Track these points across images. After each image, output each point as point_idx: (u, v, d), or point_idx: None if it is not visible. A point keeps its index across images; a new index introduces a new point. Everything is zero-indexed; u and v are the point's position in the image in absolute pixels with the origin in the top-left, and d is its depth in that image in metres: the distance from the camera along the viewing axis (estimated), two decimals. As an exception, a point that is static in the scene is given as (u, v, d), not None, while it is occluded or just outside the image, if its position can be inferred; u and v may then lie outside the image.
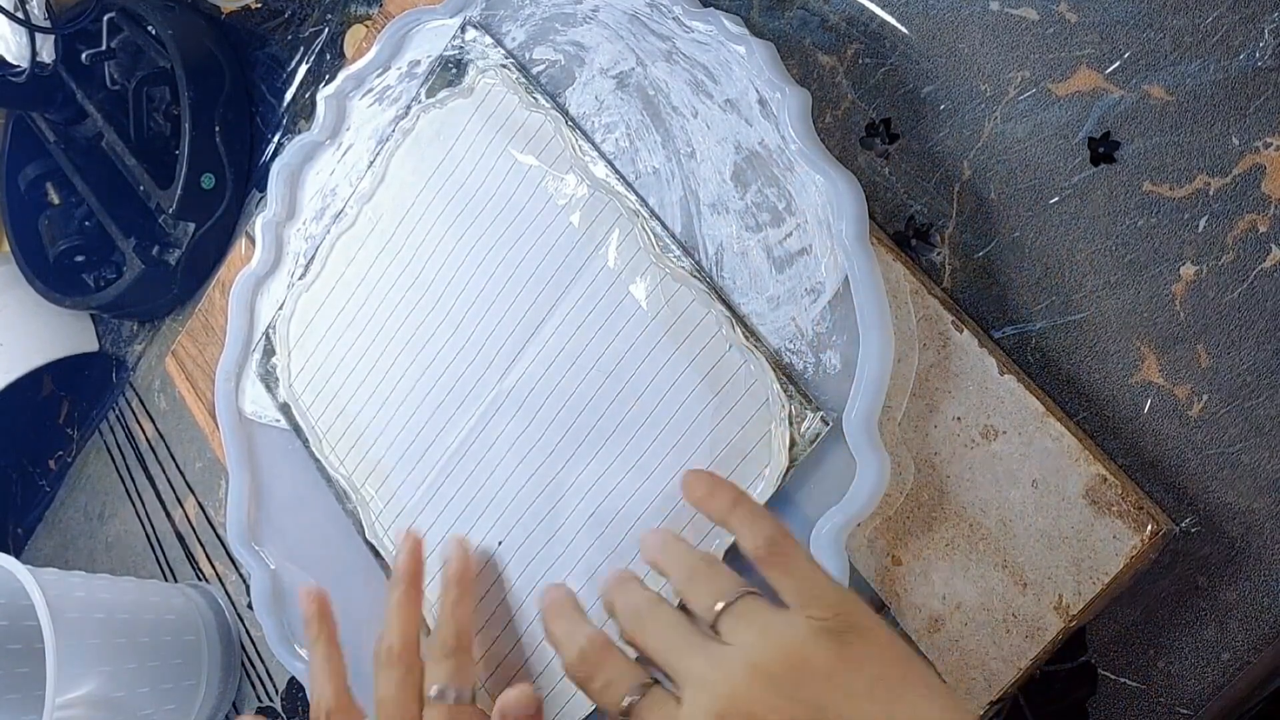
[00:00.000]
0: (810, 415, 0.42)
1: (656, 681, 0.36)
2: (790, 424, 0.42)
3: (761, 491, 0.42)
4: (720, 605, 0.35)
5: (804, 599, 0.35)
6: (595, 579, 0.46)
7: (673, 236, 0.46)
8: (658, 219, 0.47)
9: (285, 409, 0.58)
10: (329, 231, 0.57)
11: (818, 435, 0.41)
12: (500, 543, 0.49)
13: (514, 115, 0.51)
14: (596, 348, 0.47)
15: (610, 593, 0.39)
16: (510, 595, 0.49)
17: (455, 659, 0.45)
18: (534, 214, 0.50)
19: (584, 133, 0.49)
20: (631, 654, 0.38)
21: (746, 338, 0.43)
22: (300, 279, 0.58)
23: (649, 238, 0.46)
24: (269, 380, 0.59)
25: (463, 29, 0.54)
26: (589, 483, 0.47)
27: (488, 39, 0.53)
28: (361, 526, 0.54)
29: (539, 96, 0.50)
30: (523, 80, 0.51)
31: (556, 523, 0.47)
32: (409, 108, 0.55)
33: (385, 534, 0.53)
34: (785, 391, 0.42)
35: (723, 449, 0.43)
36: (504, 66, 0.52)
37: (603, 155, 0.48)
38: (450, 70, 0.54)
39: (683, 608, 0.37)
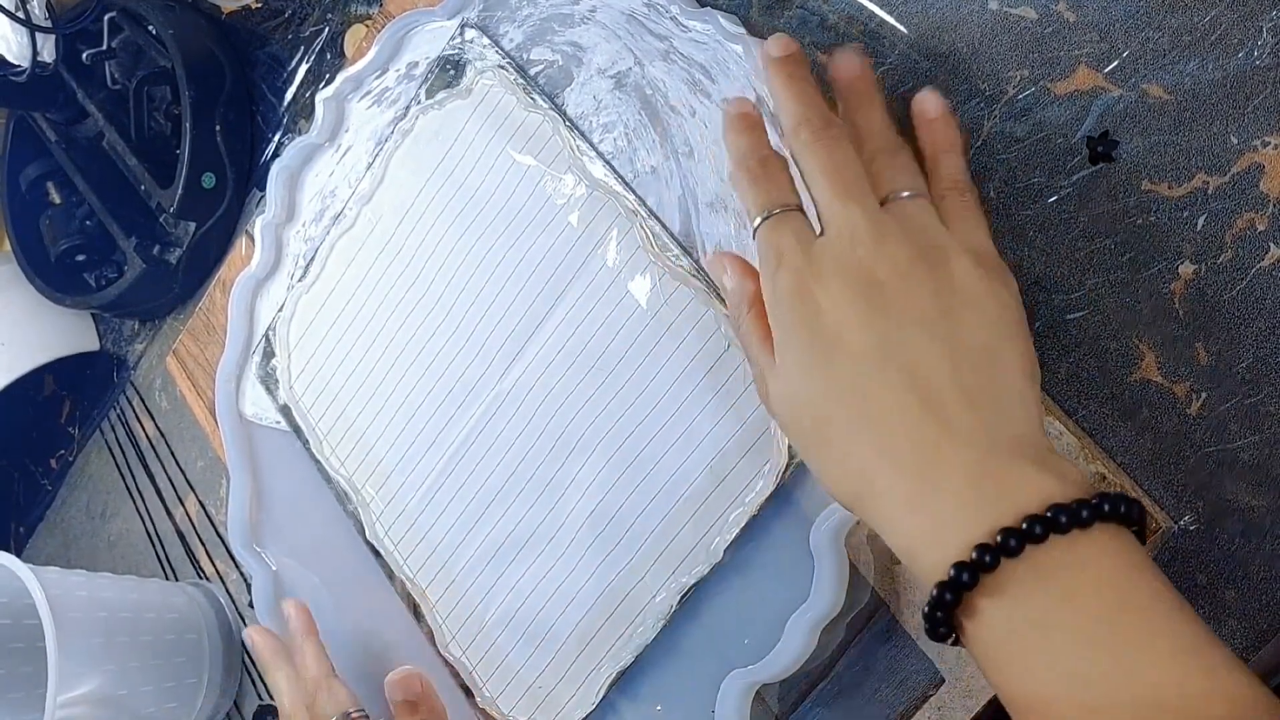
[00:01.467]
0: (809, 414, 0.42)
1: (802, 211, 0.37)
2: (789, 423, 0.42)
3: (761, 489, 0.42)
4: (898, 195, 0.36)
5: (968, 240, 0.35)
6: (596, 577, 0.46)
7: (671, 235, 0.46)
8: (656, 218, 0.47)
9: (285, 411, 0.58)
10: (328, 233, 0.57)
11: (817, 434, 0.41)
12: (501, 542, 0.49)
13: (512, 116, 0.51)
14: (596, 347, 0.47)
15: (795, 122, 0.37)
16: (511, 594, 0.49)
17: (326, 687, 0.49)
18: (533, 214, 0.50)
19: (582, 133, 0.49)
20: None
21: (746, 337, 0.43)
22: (300, 281, 0.58)
23: (648, 237, 0.46)
24: (269, 382, 0.59)
25: (461, 30, 0.54)
26: (588, 481, 0.47)
27: (485, 40, 0.53)
28: (362, 527, 0.54)
29: (537, 97, 0.50)
30: (520, 81, 0.51)
31: (557, 522, 0.48)
32: (408, 109, 0.55)
33: (385, 534, 0.53)
34: (784, 390, 0.42)
35: (722, 446, 0.43)
36: (502, 68, 0.52)
37: (601, 155, 0.48)
38: (449, 71, 0.54)
39: None
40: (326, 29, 0.71)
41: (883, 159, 0.37)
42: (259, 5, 0.74)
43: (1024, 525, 0.29)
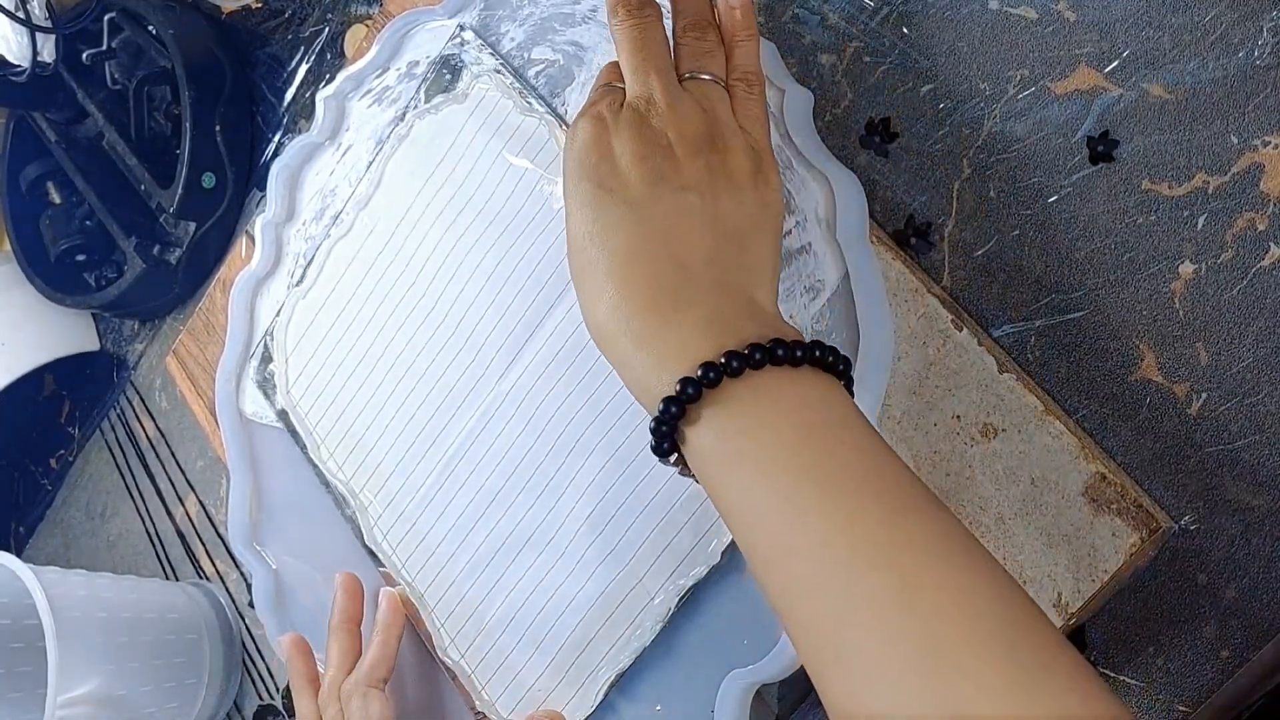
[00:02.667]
0: (809, 414, 0.41)
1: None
2: (789, 423, 0.42)
3: (761, 490, 0.42)
4: (699, 75, 0.39)
5: (749, 132, 0.38)
6: (595, 579, 0.46)
7: (672, 236, 0.46)
8: (657, 218, 0.46)
9: (283, 415, 0.58)
10: (328, 234, 0.57)
11: (817, 434, 0.41)
12: (500, 545, 0.49)
13: (508, 119, 0.51)
14: (593, 349, 0.47)
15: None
16: (510, 596, 0.49)
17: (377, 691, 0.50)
18: (530, 217, 0.50)
19: (582, 133, 0.49)
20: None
21: (746, 337, 0.43)
22: (298, 284, 0.58)
23: (648, 237, 0.46)
24: (266, 387, 0.59)
25: (458, 33, 0.54)
26: (587, 483, 0.47)
27: (481, 43, 0.53)
28: (360, 531, 0.54)
29: (533, 100, 0.50)
30: (517, 85, 0.51)
31: (555, 524, 0.47)
32: (405, 113, 0.55)
33: (384, 538, 0.53)
34: (784, 390, 0.42)
35: (722, 448, 0.43)
36: (498, 71, 0.52)
37: (601, 155, 0.48)
38: (445, 76, 0.54)
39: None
40: (326, 29, 0.71)
41: (690, 36, 0.40)
42: (259, 5, 0.74)
43: (746, 350, 0.33)
